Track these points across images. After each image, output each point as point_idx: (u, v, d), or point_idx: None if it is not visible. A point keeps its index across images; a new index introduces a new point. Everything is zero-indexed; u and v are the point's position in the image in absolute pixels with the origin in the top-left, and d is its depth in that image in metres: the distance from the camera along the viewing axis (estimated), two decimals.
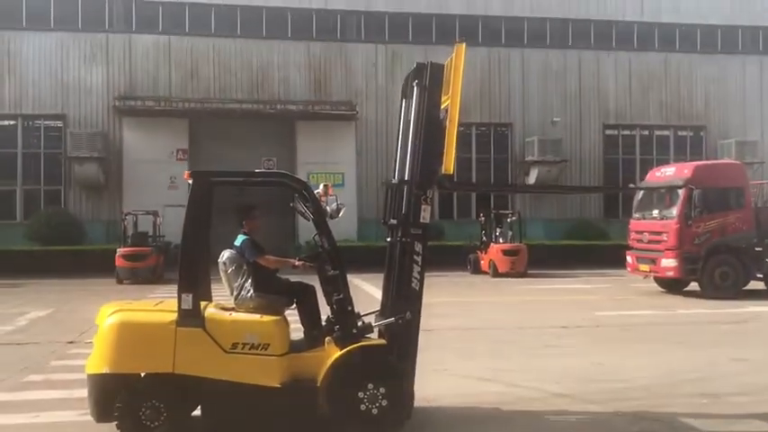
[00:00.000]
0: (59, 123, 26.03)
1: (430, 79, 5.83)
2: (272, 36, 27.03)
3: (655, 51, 29.64)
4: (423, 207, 5.76)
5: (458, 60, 5.75)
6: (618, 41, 29.48)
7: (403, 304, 5.69)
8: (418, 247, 5.75)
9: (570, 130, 28.44)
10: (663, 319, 12.48)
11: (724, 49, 30.20)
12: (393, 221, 5.95)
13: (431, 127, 5.77)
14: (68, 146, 24.79)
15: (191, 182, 5.58)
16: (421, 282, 5.76)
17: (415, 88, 5.91)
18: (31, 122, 26.46)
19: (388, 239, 6.05)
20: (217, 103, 25.80)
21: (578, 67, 28.94)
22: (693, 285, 15.96)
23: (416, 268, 5.74)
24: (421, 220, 5.76)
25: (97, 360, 5.36)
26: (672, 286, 16.44)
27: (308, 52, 27.15)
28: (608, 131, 29.41)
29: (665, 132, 30.07)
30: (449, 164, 5.73)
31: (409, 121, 6.00)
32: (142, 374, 5.39)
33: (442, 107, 5.89)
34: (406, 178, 5.84)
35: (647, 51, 29.57)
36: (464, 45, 5.82)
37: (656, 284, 16.91)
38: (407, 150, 5.90)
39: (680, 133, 30.25)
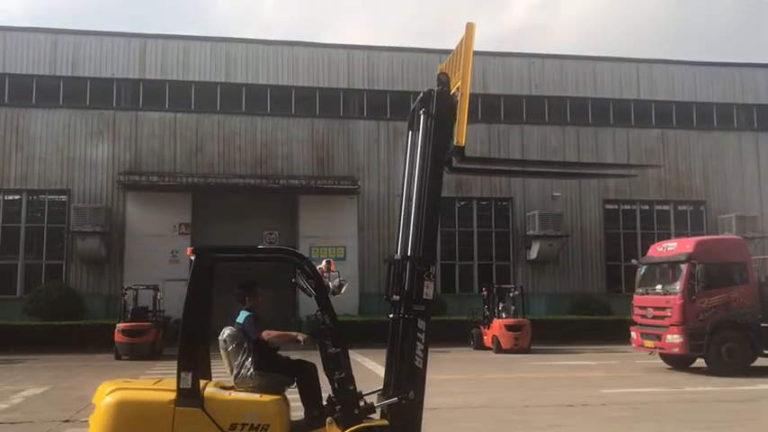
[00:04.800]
0: (64, 198, 26.22)
1: (437, 107, 5.75)
2: (276, 113, 27.57)
3: (651, 128, 30.15)
4: (426, 283, 5.68)
5: (468, 39, 5.70)
6: (615, 118, 29.99)
7: (406, 383, 5.56)
8: (421, 324, 5.64)
9: (570, 204, 28.59)
10: (670, 398, 12.21)
11: (720, 125, 30.70)
12: (396, 297, 5.88)
13: (437, 162, 5.67)
14: (72, 220, 24.88)
15: (193, 258, 5.57)
16: (424, 360, 5.62)
17: (422, 116, 5.88)
18: (35, 197, 26.64)
19: (391, 316, 5.96)
20: (220, 178, 26.07)
21: (576, 143, 29.35)
22: (700, 362, 15.73)
23: (420, 346, 5.61)
24: (424, 297, 5.67)
25: None
26: (678, 363, 16.19)
27: (311, 128, 27.60)
28: (608, 206, 29.55)
29: (665, 207, 30.20)
30: (461, 135, 5.55)
31: (414, 159, 5.91)
32: None
33: (452, 91, 5.78)
34: (409, 254, 5.80)
35: (644, 128, 30.06)
36: (474, 24, 5.76)
37: (661, 361, 16.65)
38: (410, 217, 5.79)
39: (680, 208, 30.37)
